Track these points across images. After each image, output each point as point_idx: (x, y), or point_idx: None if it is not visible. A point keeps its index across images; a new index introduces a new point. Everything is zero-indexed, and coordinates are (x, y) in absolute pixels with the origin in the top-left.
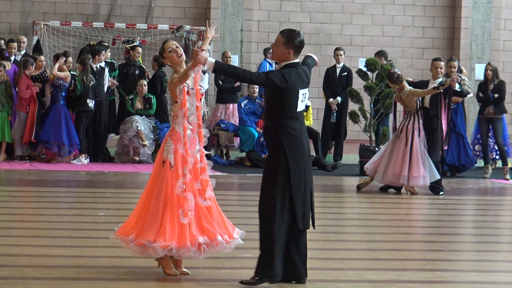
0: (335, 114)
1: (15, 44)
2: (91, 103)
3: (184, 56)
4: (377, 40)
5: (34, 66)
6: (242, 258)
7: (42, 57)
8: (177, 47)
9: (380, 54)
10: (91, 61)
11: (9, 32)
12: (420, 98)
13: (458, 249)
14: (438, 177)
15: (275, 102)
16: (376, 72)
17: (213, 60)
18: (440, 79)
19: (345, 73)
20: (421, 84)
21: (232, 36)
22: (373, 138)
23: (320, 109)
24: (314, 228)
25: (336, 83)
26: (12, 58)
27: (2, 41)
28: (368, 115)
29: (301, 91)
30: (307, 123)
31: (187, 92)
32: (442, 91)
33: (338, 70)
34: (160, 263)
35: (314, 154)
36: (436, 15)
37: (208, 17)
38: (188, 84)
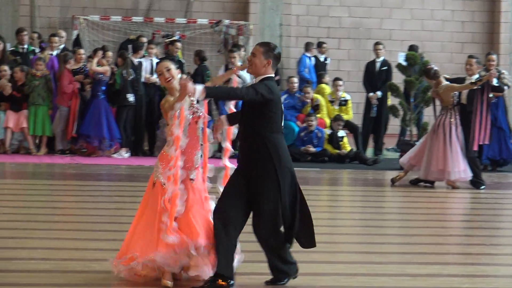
0: (375, 108)
1: (57, 38)
2: (131, 97)
3: (172, 80)
4: (416, 35)
5: (73, 59)
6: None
7: (82, 51)
8: (168, 70)
9: (412, 49)
10: (131, 55)
11: (48, 27)
12: (458, 93)
13: (499, 243)
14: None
15: (264, 117)
16: (416, 66)
17: (201, 87)
18: (477, 75)
19: (385, 68)
20: (458, 81)
21: (271, 31)
22: (414, 132)
23: (360, 103)
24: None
25: (376, 77)
26: (54, 52)
27: (36, 35)
28: (408, 110)
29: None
30: (346, 117)
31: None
32: (479, 86)
33: (377, 65)
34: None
35: (355, 148)
36: (475, 9)
37: (247, 12)
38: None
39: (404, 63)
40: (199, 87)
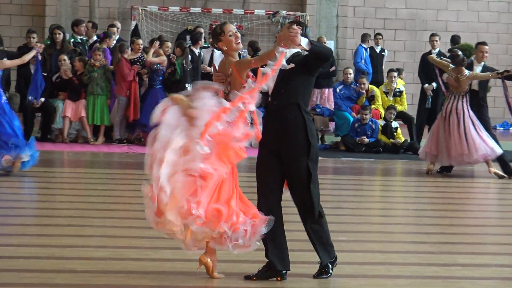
0: (430, 99)
1: (115, 29)
2: (189, 87)
3: (241, 44)
4: (472, 26)
5: (130, 49)
6: (337, 241)
7: (140, 41)
8: (236, 32)
9: (454, 39)
10: (190, 45)
11: (107, 17)
12: (471, 81)
13: None
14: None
15: (307, 86)
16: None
17: (307, 39)
18: (484, 63)
19: (441, 59)
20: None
21: (327, 22)
22: None
23: (415, 95)
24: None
25: (432, 69)
26: (113, 42)
27: (83, 25)
28: None
29: None
30: (401, 107)
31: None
32: (504, 77)
33: (433, 56)
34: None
35: (409, 139)
36: None
37: (304, 3)
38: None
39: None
40: (304, 38)
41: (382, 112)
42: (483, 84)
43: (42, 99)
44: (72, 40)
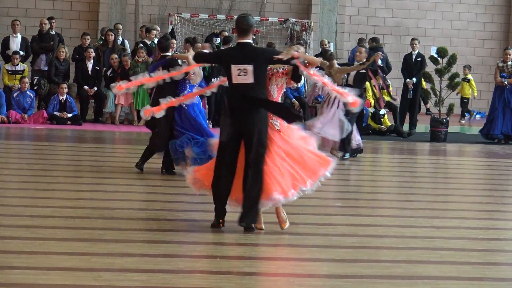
0: (411, 91)
1: (154, 32)
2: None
3: None
4: (446, 32)
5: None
6: (333, 206)
7: (174, 40)
8: None
9: (373, 39)
10: (221, 46)
11: (149, 22)
12: (346, 75)
13: (510, 202)
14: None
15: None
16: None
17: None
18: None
19: (420, 59)
20: (347, 65)
21: (328, 28)
22: (442, 111)
23: (398, 87)
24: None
25: (412, 67)
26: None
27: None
28: (438, 93)
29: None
30: (387, 98)
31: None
32: (369, 66)
33: (413, 56)
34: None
35: (393, 124)
36: (494, 12)
37: (310, 12)
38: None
39: (436, 55)
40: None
41: (372, 101)
42: (357, 79)
43: (95, 88)
44: (140, 43)
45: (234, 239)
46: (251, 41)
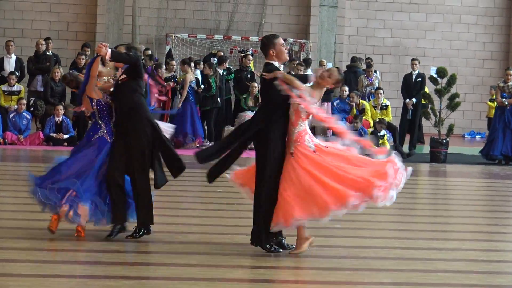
0: (410, 112)
1: (149, 51)
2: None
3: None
4: (445, 53)
5: (164, 69)
6: (332, 228)
7: (174, 62)
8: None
9: (355, 59)
10: (216, 66)
11: (146, 42)
12: None
13: (510, 224)
14: None
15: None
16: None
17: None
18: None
19: (420, 79)
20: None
21: (327, 48)
22: (442, 131)
23: (398, 108)
24: None
25: (412, 87)
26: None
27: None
28: (438, 113)
29: None
30: (387, 119)
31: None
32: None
33: (413, 76)
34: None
35: (393, 143)
36: (494, 32)
37: (308, 32)
38: None
39: (435, 76)
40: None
41: (371, 122)
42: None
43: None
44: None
45: (232, 262)
46: (269, 61)
